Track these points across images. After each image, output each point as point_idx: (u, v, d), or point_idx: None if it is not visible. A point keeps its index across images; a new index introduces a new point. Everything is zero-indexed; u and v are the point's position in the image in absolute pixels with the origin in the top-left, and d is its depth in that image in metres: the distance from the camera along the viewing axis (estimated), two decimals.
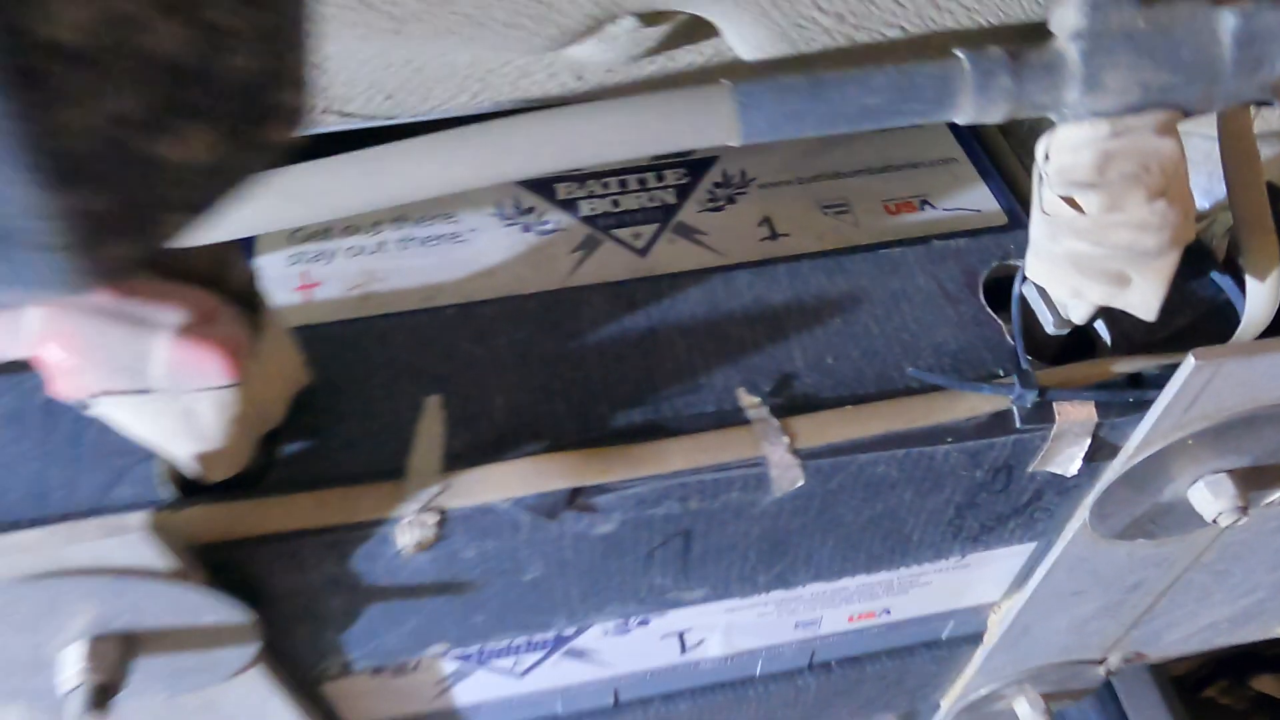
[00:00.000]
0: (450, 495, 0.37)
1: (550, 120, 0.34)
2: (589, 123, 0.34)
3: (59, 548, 0.32)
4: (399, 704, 0.52)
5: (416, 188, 0.34)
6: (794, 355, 0.42)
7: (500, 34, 0.36)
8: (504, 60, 0.40)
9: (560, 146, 0.34)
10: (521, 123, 0.34)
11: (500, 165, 0.34)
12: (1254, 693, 1.49)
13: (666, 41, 0.40)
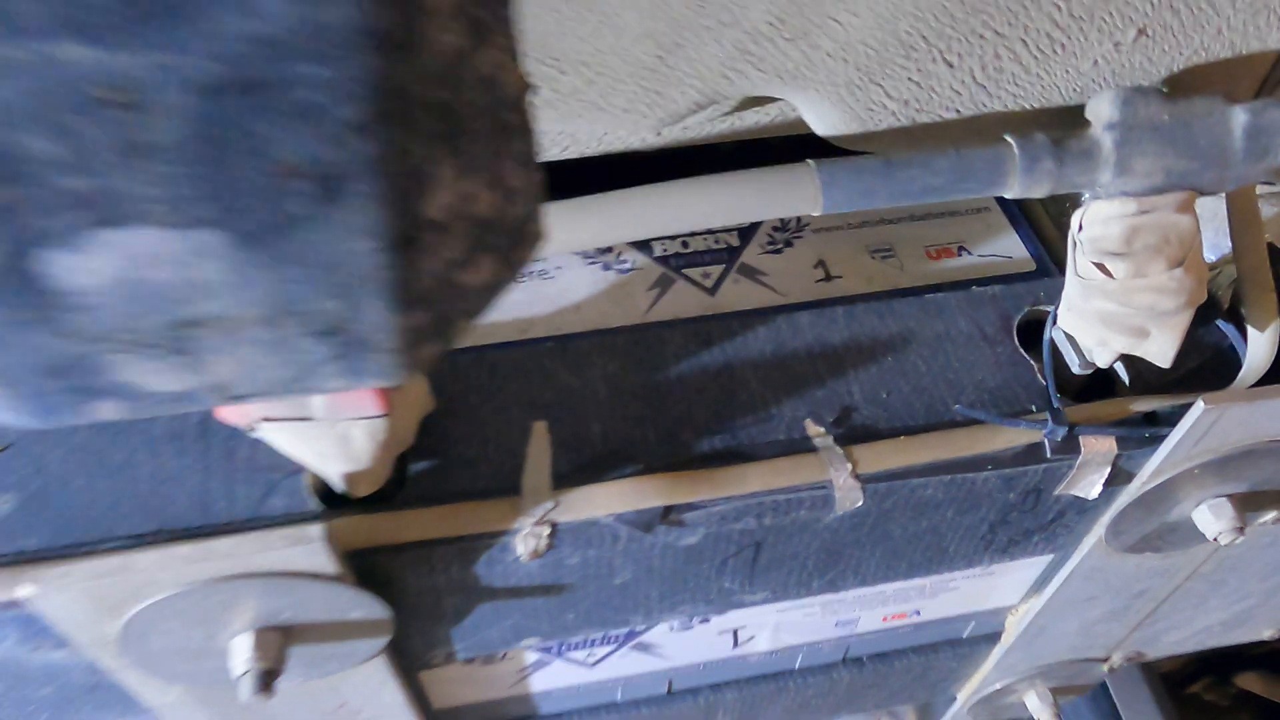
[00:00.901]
0: (561, 511, 0.43)
1: (673, 192, 0.40)
2: (703, 194, 0.40)
3: (250, 555, 0.37)
4: (481, 690, 0.58)
5: (557, 246, 0.40)
6: (852, 390, 0.48)
7: (617, 117, 0.41)
8: (606, 131, 0.46)
9: (680, 213, 0.39)
10: (647, 193, 0.40)
11: (628, 228, 0.40)
12: (1237, 689, 1.57)
13: (739, 107, 0.46)
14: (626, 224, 0.40)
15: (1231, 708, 1.56)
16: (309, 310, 0.21)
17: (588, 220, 0.40)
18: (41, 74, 0.15)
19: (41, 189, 0.17)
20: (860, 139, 0.46)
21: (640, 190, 0.40)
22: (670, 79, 0.40)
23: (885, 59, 0.41)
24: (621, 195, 0.40)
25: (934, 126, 0.46)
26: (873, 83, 0.42)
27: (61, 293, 0.19)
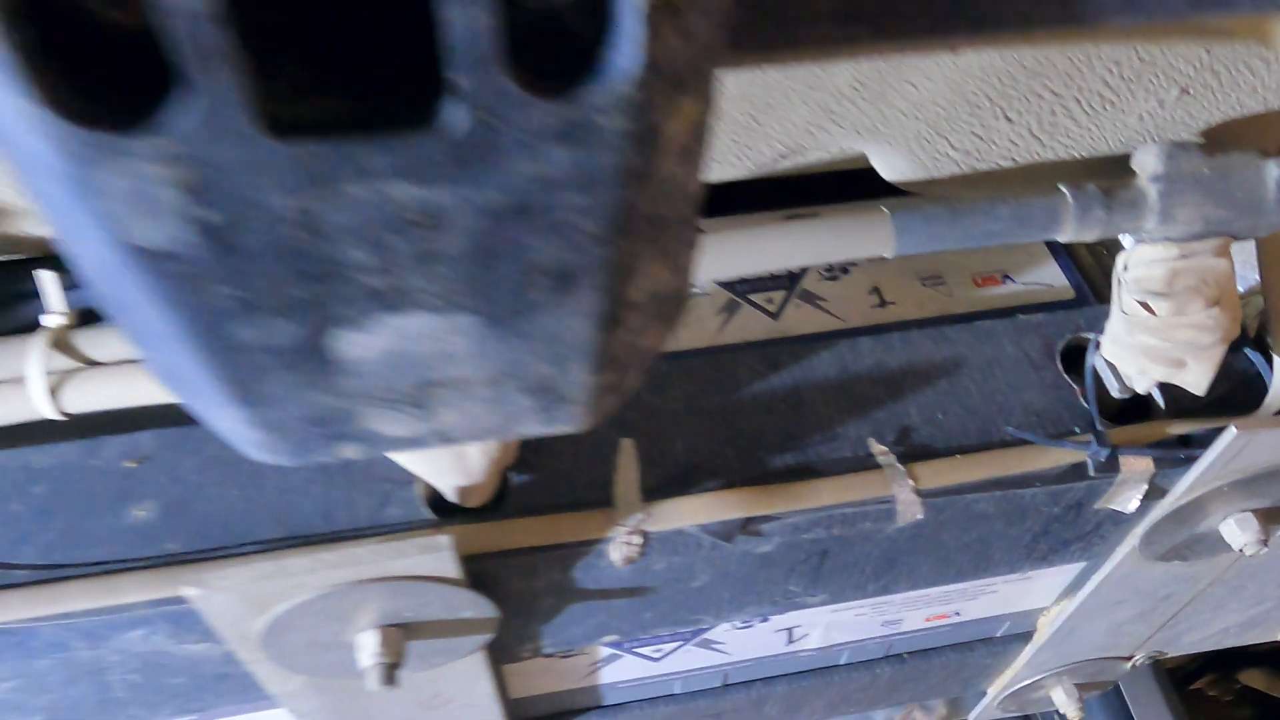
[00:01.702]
0: (651, 521, 0.48)
1: (761, 235, 0.44)
2: (788, 238, 0.44)
3: (386, 561, 0.42)
4: (555, 681, 0.62)
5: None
6: (910, 411, 0.53)
7: (708, 167, 0.46)
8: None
9: (769, 255, 0.44)
10: (738, 236, 0.44)
11: (721, 268, 0.44)
12: (1240, 685, 1.61)
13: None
14: (719, 264, 0.44)
15: (1234, 703, 1.61)
16: (526, 373, 0.25)
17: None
18: (375, 205, 0.20)
19: (349, 286, 0.21)
20: (922, 183, 0.50)
21: (730, 233, 0.44)
22: (760, 134, 0.44)
23: (952, 116, 0.45)
24: (714, 237, 0.44)
25: (991, 173, 0.50)
26: (939, 136, 0.46)
27: (341, 361, 0.23)
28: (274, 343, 0.22)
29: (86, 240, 0.20)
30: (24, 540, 0.46)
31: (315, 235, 0.20)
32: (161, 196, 0.19)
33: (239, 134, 0.18)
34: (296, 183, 0.19)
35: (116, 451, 0.49)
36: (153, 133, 0.18)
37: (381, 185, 0.19)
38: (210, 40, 0.16)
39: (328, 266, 0.21)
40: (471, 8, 0.17)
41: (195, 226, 0.19)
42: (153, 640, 0.45)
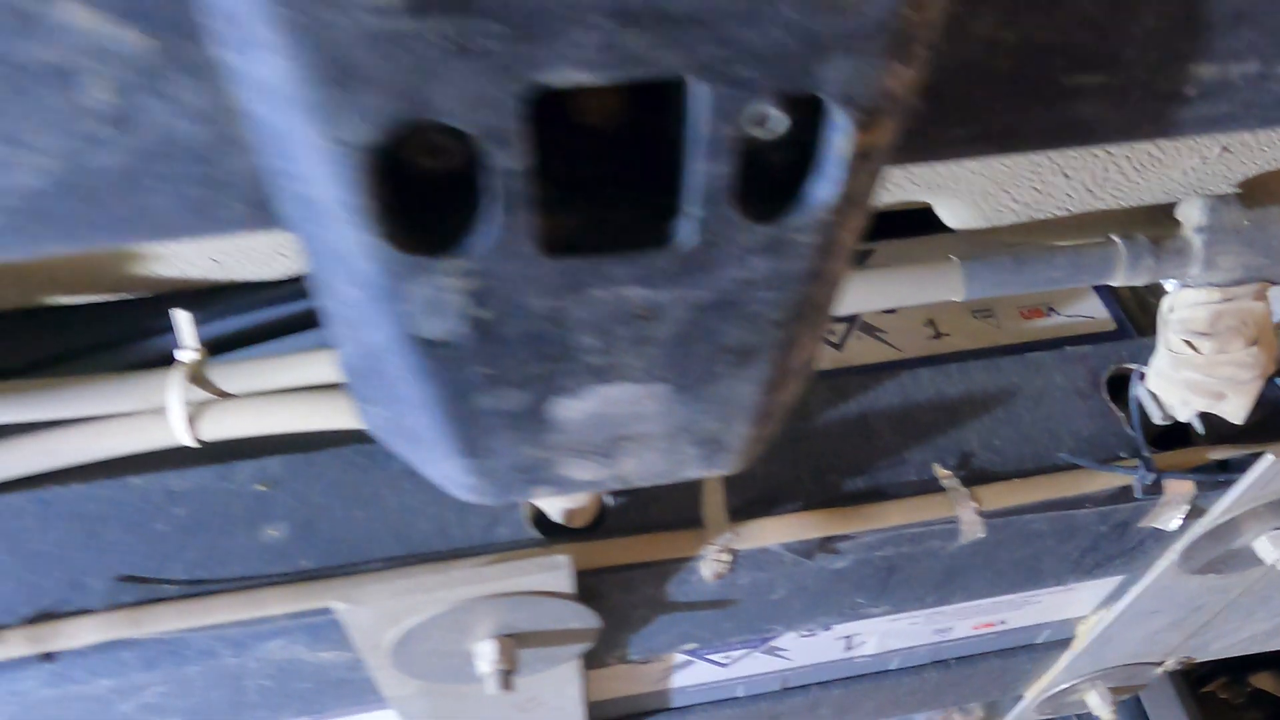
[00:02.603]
0: (739, 540, 0.52)
1: (850, 281, 0.48)
2: (869, 284, 0.49)
3: (510, 577, 0.47)
4: (631, 685, 0.67)
5: None
6: (970, 437, 0.57)
7: None
8: None
9: (855, 298, 0.48)
10: None
11: None
12: (1251, 688, 1.65)
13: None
14: None
15: (1245, 705, 1.65)
16: (699, 428, 0.30)
17: None
18: (611, 304, 0.24)
19: (575, 364, 0.26)
20: (982, 230, 0.55)
21: None
22: None
23: (1015, 174, 0.50)
24: None
25: (1046, 221, 0.55)
26: (1002, 190, 0.51)
27: (553, 422, 0.28)
28: (506, 408, 0.27)
29: (373, 328, 0.25)
30: (170, 557, 0.51)
31: (558, 326, 0.25)
32: (450, 301, 0.23)
33: (522, 254, 0.22)
34: (555, 288, 0.24)
35: (247, 476, 0.54)
36: (456, 255, 0.22)
37: (619, 289, 0.24)
38: (520, 189, 0.21)
39: (562, 349, 0.26)
40: (715, 163, 0.21)
41: (470, 322, 0.24)
42: (291, 649, 0.50)
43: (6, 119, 0.21)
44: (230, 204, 0.24)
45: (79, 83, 0.20)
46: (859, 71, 0.20)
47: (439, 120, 0.19)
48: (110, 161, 0.22)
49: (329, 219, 0.21)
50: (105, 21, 0.19)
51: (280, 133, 0.20)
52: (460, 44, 0.18)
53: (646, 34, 0.19)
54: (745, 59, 0.20)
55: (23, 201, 0.23)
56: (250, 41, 0.18)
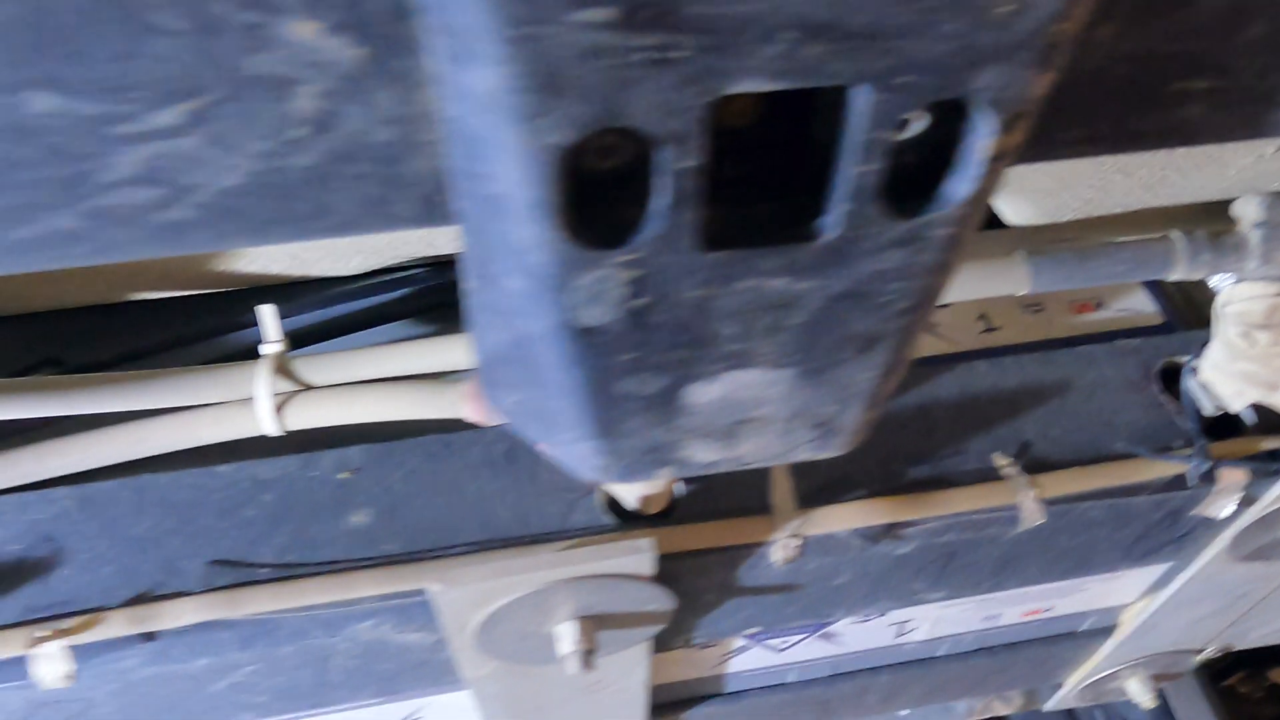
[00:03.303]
0: (808, 526, 0.54)
1: None
2: None
3: (595, 560, 0.48)
4: (689, 670, 0.69)
5: None
6: (1027, 427, 0.59)
7: None
8: None
9: None
10: None
11: None
12: (1270, 683, 1.67)
13: None
14: None
15: (1265, 700, 1.66)
16: (816, 412, 0.31)
17: None
18: (754, 294, 0.26)
19: (713, 350, 0.28)
20: (1040, 226, 0.57)
21: None
22: None
23: (1077, 173, 0.52)
24: None
25: (1104, 217, 0.57)
26: (1063, 189, 0.53)
27: (685, 406, 0.30)
28: (644, 392, 0.29)
29: (532, 317, 0.27)
30: (260, 542, 0.53)
31: (703, 315, 0.27)
32: (611, 291, 0.25)
33: (682, 247, 0.24)
34: (706, 279, 0.25)
35: (330, 464, 0.56)
36: (624, 248, 0.24)
37: (764, 280, 0.26)
38: (690, 187, 0.23)
39: (703, 337, 0.27)
40: (867, 164, 0.23)
41: (625, 310, 0.26)
42: (378, 630, 0.52)
43: (220, 123, 0.23)
44: (404, 202, 0.26)
45: (292, 92, 0.22)
46: (1009, 79, 0.22)
47: (629, 124, 0.21)
48: (304, 162, 0.24)
49: (512, 215, 0.23)
50: (326, 35, 0.21)
51: (480, 136, 0.22)
52: (660, 55, 0.20)
53: (824, 46, 0.21)
54: (909, 69, 0.21)
55: (217, 199, 0.25)
56: (470, 54, 0.20)
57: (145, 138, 0.23)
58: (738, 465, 0.33)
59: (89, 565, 0.52)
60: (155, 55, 0.21)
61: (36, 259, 0.25)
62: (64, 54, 0.20)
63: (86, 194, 0.24)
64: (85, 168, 0.23)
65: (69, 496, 0.54)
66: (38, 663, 0.48)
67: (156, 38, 0.21)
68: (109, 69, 0.21)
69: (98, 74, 0.21)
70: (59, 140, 0.22)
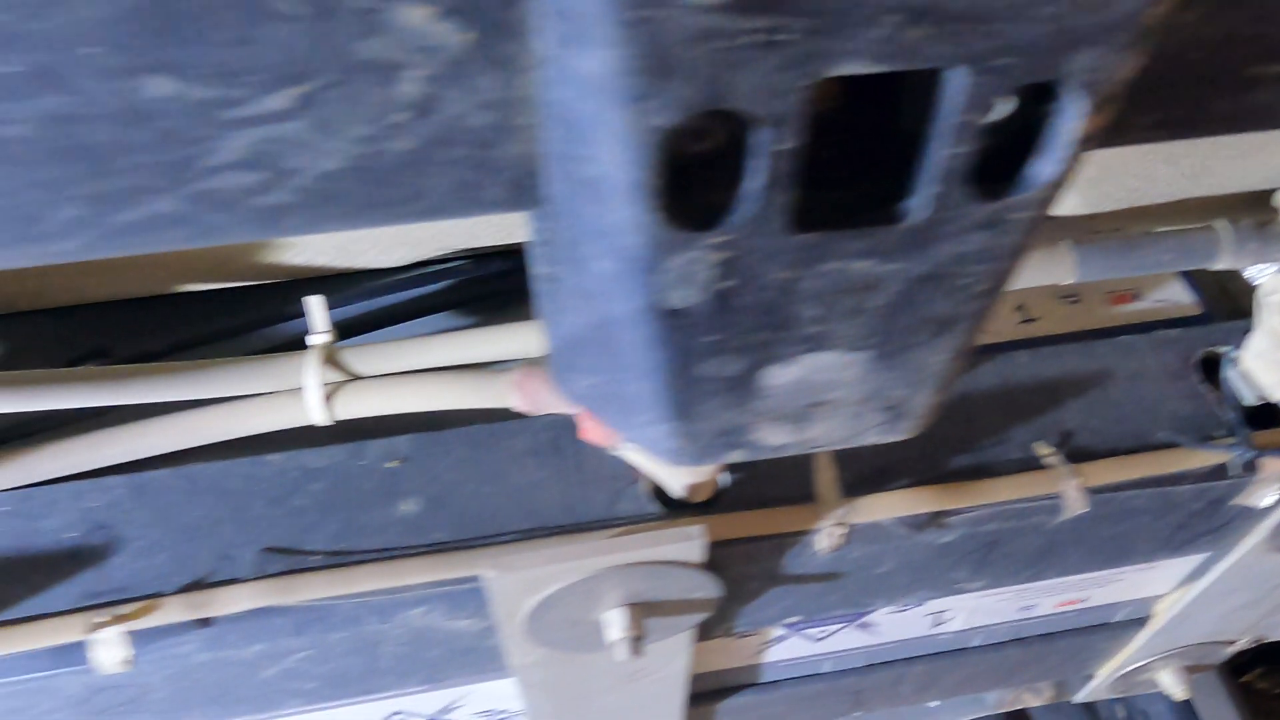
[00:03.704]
0: (853, 514, 0.54)
1: None
2: None
3: (646, 547, 0.49)
4: (727, 659, 0.70)
5: None
6: (1068, 417, 0.59)
7: None
8: None
9: None
10: None
11: None
12: None
13: None
14: None
15: None
16: (887, 395, 0.32)
17: None
18: (838, 276, 0.27)
19: (792, 333, 0.28)
20: (1083, 217, 0.57)
21: None
22: None
23: (1123, 161, 0.52)
24: None
25: (1147, 207, 0.57)
26: (1108, 179, 0.53)
27: (760, 388, 0.30)
28: (723, 374, 0.29)
29: (618, 299, 0.27)
30: (311, 530, 0.54)
31: (786, 296, 0.27)
32: (699, 273, 0.26)
33: (773, 229, 0.25)
34: (793, 261, 0.26)
35: (378, 454, 0.56)
36: (716, 230, 0.24)
37: (849, 262, 0.26)
38: (785, 169, 0.23)
39: (785, 319, 0.28)
40: (958, 147, 0.24)
41: (711, 292, 0.26)
42: (429, 617, 0.52)
43: (326, 108, 0.23)
44: (494, 186, 0.26)
45: (397, 76, 0.23)
46: (1103, 61, 0.22)
47: (732, 106, 0.22)
48: (402, 147, 0.25)
49: (609, 197, 0.24)
50: (436, 20, 0.22)
51: (583, 119, 0.22)
52: (767, 38, 0.20)
53: (926, 29, 0.21)
54: (1006, 51, 0.22)
55: (315, 183, 0.25)
56: (583, 37, 0.21)
57: (253, 122, 0.23)
58: (807, 448, 0.34)
59: (144, 552, 0.52)
60: (271, 40, 0.21)
61: (135, 243, 0.26)
62: (184, 39, 0.21)
63: (191, 178, 0.24)
64: (192, 152, 0.24)
65: (122, 485, 0.55)
66: (97, 648, 0.48)
67: (275, 23, 0.21)
68: (226, 54, 0.21)
69: (214, 58, 0.22)
70: (170, 124, 0.23)
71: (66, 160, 0.23)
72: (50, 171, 0.23)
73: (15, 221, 0.25)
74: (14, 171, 0.23)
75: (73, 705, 0.52)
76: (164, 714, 0.56)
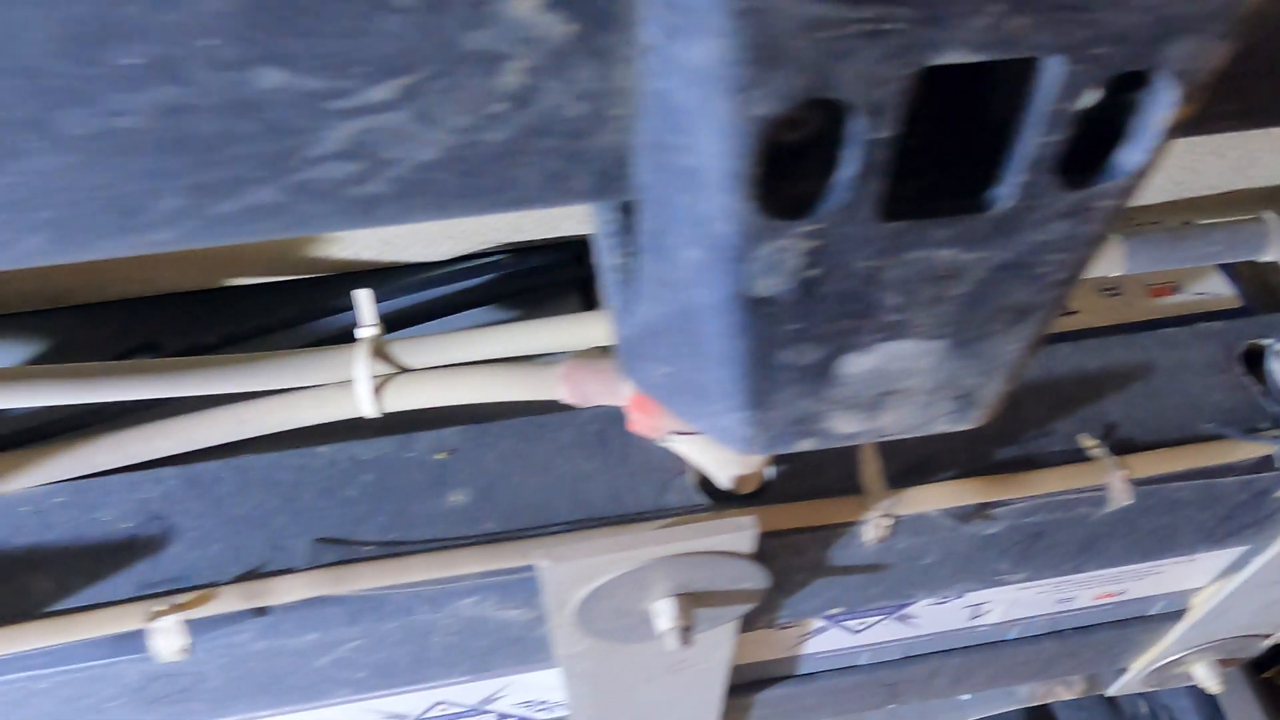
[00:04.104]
0: (899, 505, 0.55)
1: None
2: None
3: (699, 537, 0.49)
4: (766, 650, 0.70)
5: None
6: (1111, 409, 0.59)
7: None
8: None
9: None
10: None
11: None
12: None
13: None
14: None
15: None
16: (959, 384, 0.32)
17: None
18: (923, 264, 0.27)
19: (873, 321, 0.29)
20: (1130, 209, 0.57)
21: None
22: None
23: (1170, 155, 0.52)
24: None
25: (1189, 199, 0.57)
26: (1156, 171, 0.53)
27: (836, 376, 0.31)
28: (801, 363, 0.30)
29: (704, 288, 0.27)
30: (362, 521, 0.54)
31: (870, 285, 0.27)
32: (788, 261, 0.26)
33: (862, 217, 0.25)
34: (879, 249, 0.26)
35: (426, 445, 0.57)
36: (808, 219, 0.25)
37: (934, 250, 0.27)
38: (880, 158, 0.24)
39: (867, 307, 0.28)
40: (1050, 135, 0.24)
41: (797, 280, 0.27)
42: (480, 607, 0.53)
43: (428, 99, 0.24)
44: (583, 176, 0.27)
45: (501, 67, 0.23)
46: (1198, 51, 0.23)
47: (833, 95, 0.22)
48: (498, 137, 0.25)
49: (705, 186, 0.24)
50: (543, 11, 0.22)
51: (684, 109, 0.23)
52: (874, 28, 0.21)
53: (1027, 17, 0.21)
54: (1105, 40, 0.22)
55: (411, 173, 0.26)
56: (692, 27, 0.21)
57: (357, 113, 0.24)
58: (877, 437, 0.34)
59: (198, 543, 0.53)
60: (382, 32, 0.22)
61: (231, 232, 0.26)
62: (298, 30, 0.21)
63: (293, 168, 0.25)
64: (295, 142, 0.24)
65: (175, 476, 0.55)
66: (155, 636, 0.49)
67: (388, 14, 0.21)
68: (337, 45, 0.22)
69: (325, 50, 0.22)
70: (277, 115, 0.23)
71: (174, 151, 0.24)
72: (158, 162, 0.24)
73: (118, 211, 0.25)
74: (123, 161, 0.24)
75: (129, 693, 0.53)
76: (215, 702, 0.56)
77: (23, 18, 0.20)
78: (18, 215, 0.24)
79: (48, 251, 0.26)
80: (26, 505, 0.54)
